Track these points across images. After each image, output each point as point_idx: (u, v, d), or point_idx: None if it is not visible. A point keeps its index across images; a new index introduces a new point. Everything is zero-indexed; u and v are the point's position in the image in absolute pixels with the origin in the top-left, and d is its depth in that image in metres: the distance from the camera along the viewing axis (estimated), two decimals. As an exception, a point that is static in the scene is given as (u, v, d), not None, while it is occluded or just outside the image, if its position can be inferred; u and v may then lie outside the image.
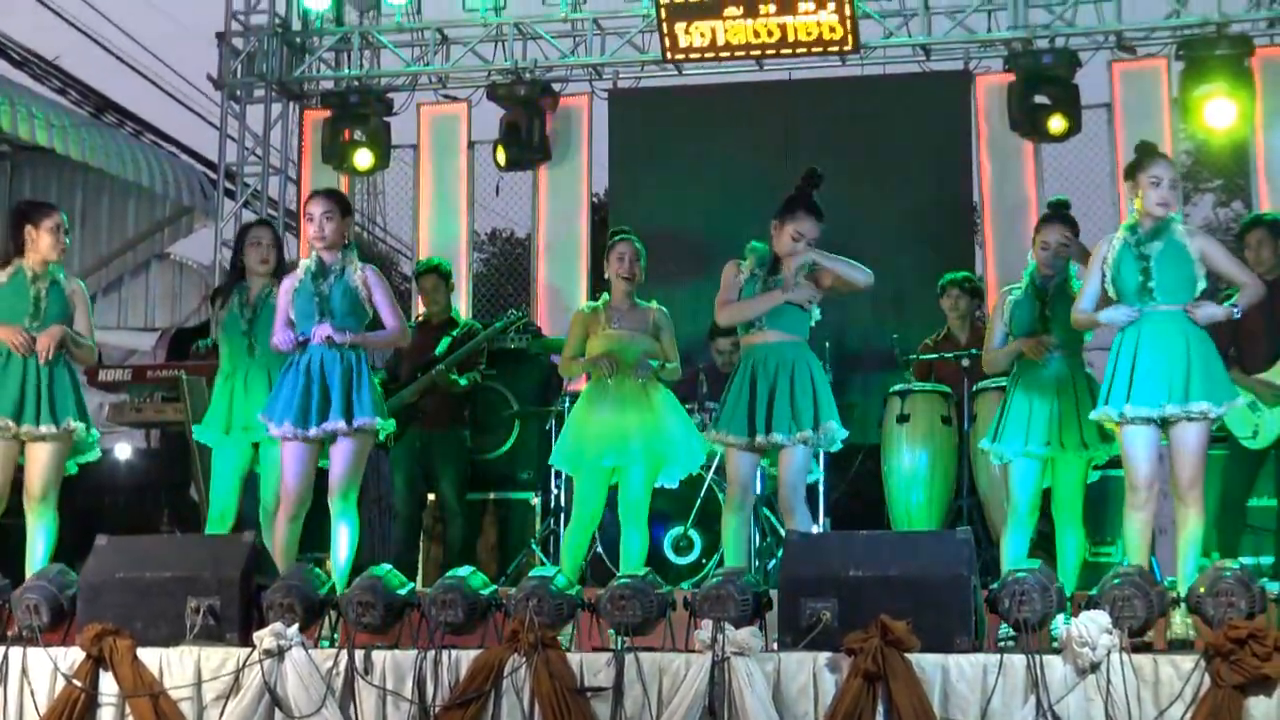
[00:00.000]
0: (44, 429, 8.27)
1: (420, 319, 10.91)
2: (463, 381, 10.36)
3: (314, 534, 8.52)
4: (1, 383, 8.30)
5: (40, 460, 8.34)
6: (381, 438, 8.20)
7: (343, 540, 7.96)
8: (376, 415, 7.94)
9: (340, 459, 7.98)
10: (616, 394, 8.50)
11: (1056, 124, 12.20)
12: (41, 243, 8.38)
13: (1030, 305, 7.94)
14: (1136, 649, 6.51)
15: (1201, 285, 7.34)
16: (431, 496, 10.69)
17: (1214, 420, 7.37)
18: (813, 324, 8.07)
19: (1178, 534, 7.40)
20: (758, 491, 8.90)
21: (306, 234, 8.18)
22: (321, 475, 8.13)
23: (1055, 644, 6.57)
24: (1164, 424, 7.30)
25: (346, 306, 8.00)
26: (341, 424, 7.88)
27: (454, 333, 10.56)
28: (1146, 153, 7.52)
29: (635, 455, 8.44)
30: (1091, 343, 8.06)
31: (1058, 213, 8.16)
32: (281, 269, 8.76)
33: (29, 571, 8.00)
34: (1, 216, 14.22)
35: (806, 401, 7.90)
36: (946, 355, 10.08)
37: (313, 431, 7.90)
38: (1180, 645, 6.77)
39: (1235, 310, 7.35)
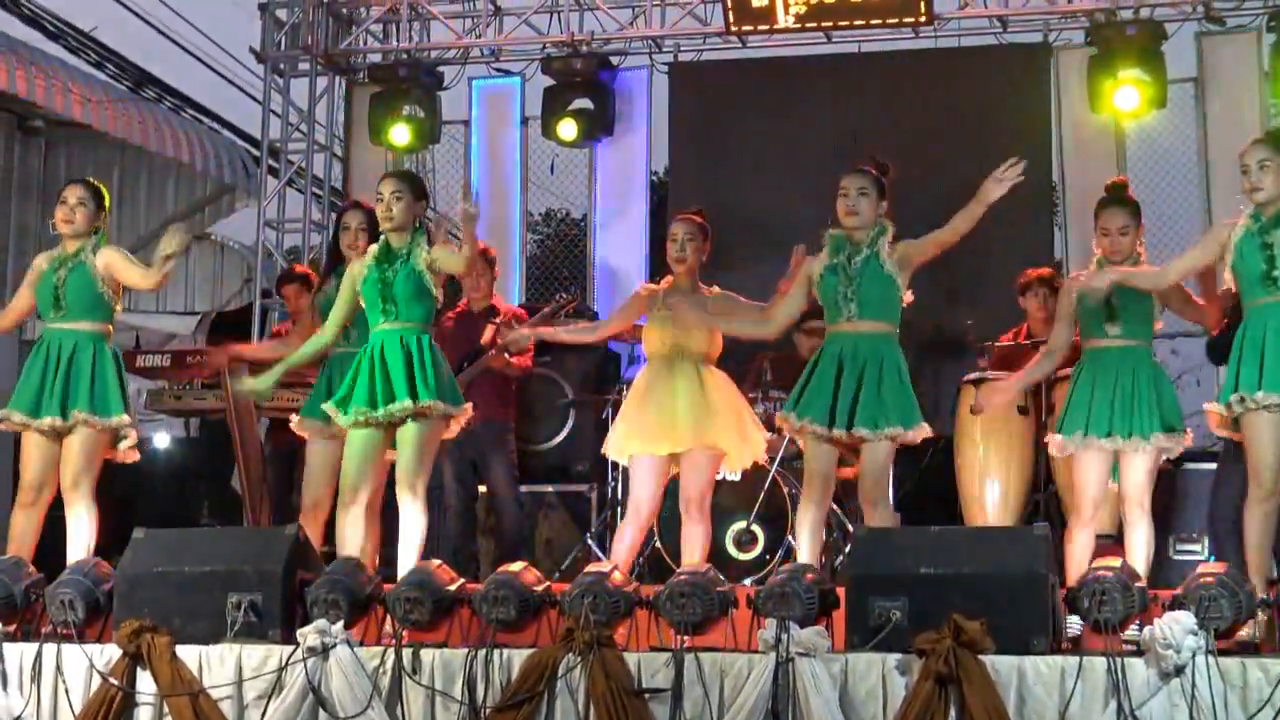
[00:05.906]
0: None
1: (462, 310, 10.66)
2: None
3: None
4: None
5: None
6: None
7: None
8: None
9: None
10: (673, 380, 8.29)
11: (1140, 100, 12.09)
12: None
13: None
14: (1224, 652, 6.48)
15: None
16: (483, 489, 10.67)
17: None
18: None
19: None
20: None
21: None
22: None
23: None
24: None
25: (410, 292, 8.02)
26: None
27: (497, 320, 10.40)
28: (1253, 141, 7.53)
29: (693, 444, 8.21)
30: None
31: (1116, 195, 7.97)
32: None
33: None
34: (38, 194, 14.49)
35: (893, 399, 7.77)
36: (1023, 344, 10.01)
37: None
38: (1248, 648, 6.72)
39: None
